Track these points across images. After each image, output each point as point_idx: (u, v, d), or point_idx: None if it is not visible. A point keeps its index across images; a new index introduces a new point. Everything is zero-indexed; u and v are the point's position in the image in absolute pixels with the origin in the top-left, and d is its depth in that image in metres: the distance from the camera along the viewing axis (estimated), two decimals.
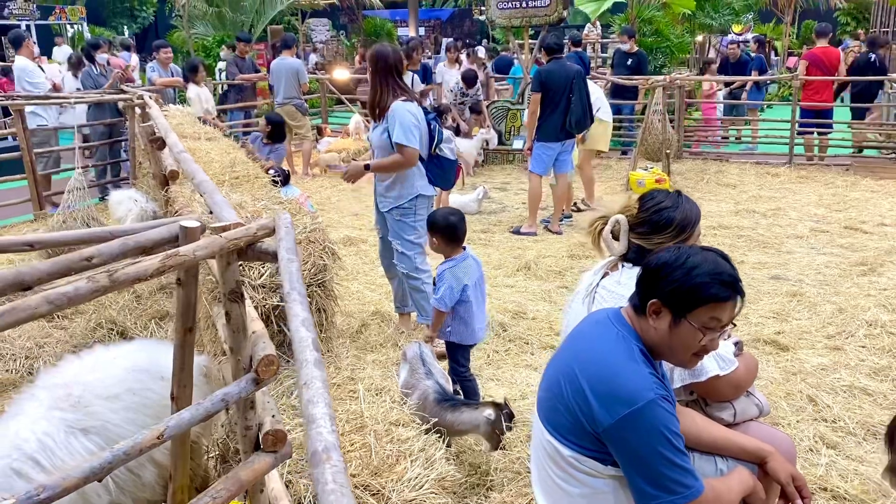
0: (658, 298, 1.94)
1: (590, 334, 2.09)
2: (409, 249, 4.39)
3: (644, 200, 2.46)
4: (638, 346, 1.98)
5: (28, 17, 19.57)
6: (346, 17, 21.06)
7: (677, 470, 1.84)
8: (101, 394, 2.29)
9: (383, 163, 4.24)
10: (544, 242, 6.81)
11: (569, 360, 2.06)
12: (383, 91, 4.22)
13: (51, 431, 2.14)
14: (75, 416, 2.21)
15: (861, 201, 7.94)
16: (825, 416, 3.58)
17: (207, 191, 2.61)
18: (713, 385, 2.30)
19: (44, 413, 2.18)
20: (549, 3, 9.74)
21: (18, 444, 2.05)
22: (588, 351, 2.02)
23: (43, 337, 4.42)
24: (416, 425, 2.72)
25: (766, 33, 20.97)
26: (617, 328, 2.02)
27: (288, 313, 1.45)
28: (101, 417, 2.25)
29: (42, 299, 1.42)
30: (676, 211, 2.40)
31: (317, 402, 1.05)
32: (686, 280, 1.90)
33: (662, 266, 1.95)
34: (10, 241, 2.02)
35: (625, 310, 2.08)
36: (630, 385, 1.86)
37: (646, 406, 1.82)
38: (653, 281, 1.96)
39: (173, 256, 1.69)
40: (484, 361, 4.33)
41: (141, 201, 5.68)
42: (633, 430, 1.84)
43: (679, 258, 1.95)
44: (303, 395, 1.09)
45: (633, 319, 2.04)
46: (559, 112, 6.76)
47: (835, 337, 4.49)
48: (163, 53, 9.79)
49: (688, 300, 1.89)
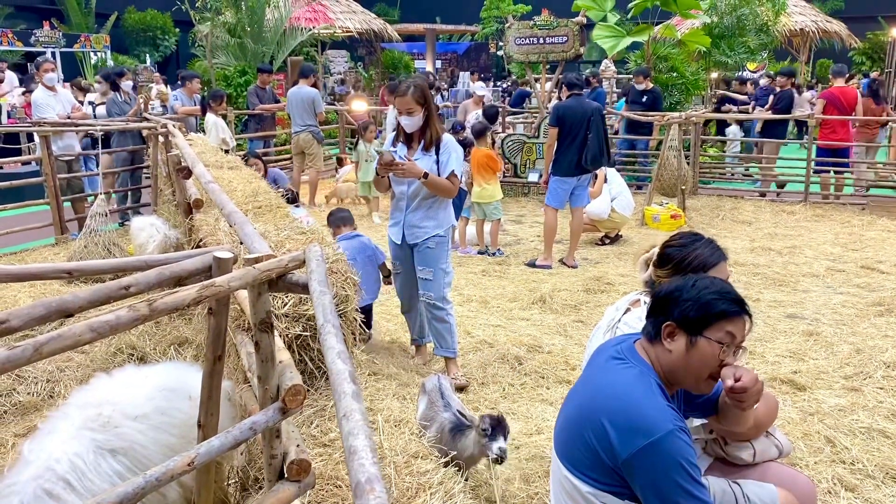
0: (673, 321, 2.01)
1: (605, 369, 2.13)
2: (442, 278, 4.48)
3: (671, 239, 2.56)
4: (654, 380, 2.02)
5: (54, 44, 20.00)
6: (364, 49, 21.39)
7: (695, 501, 1.87)
8: (130, 413, 2.33)
9: (440, 182, 4.34)
10: (559, 276, 6.83)
11: (586, 397, 2.10)
12: (433, 123, 4.39)
13: (81, 452, 2.17)
14: (104, 436, 2.24)
15: (877, 241, 7.94)
16: (843, 457, 3.56)
17: (238, 222, 2.67)
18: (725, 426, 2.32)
19: (75, 433, 2.21)
20: (567, 39, 9.89)
21: (51, 464, 2.08)
22: (606, 386, 2.06)
23: (64, 361, 4.47)
24: (435, 458, 2.73)
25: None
26: (632, 362, 2.07)
27: (323, 346, 1.49)
28: (128, 438, 2.28)
29: (86, 327, 1.47)
30: (684, 250, 2.49)
31: (357, 433, 1.08)
32: (698, 299, 2.00)
33: (673, 290, 2.06)
34: (49, 269, 2.07)
35: (638, 343, 2.13)
36: (648, 417, 1.90)
37: (664, 437, 1.86)
38: (666, 305, 2.05)
39: (209, 287, 1.74)
40: (500, 395, 4.34)
41: (163, 228, 5.76)
42: (651, 461, 1.87)
43: (688, 282, 2.07)
44: (343, 426, 1.12)
45: (648, 350, 2.09)
46: (575, 147, 6.83)
47: (852, 378, 4.47)
48: (195, 84, 10.00)
49: (701, 318, 1.98)
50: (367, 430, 1.08)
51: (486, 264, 7.24)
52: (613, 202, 7.72)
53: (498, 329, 5.39)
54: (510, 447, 3.56)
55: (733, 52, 13.76)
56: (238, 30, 13.18)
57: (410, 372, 4.50)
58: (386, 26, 18.83)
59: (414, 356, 4.78)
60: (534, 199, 10.46)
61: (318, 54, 18.45)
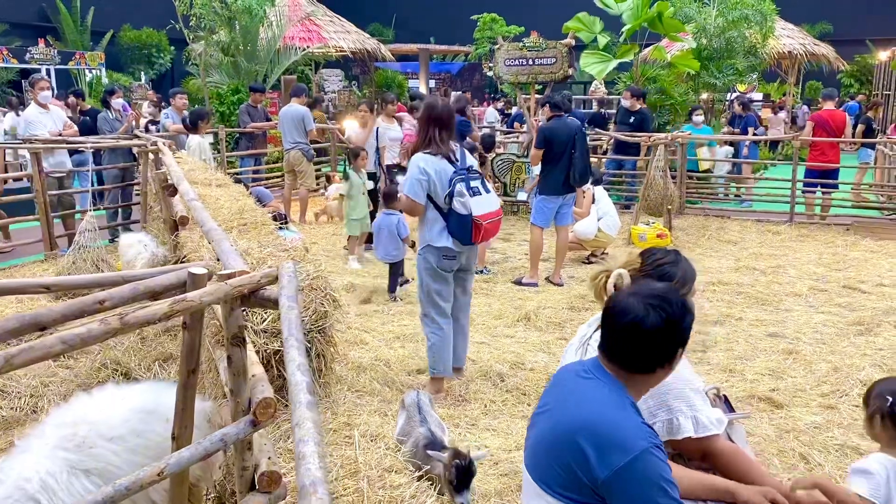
0: (683, 345, 2.08)
1: (576, 388, 2.14)
2: (420, 296, 4.58)
3: (646, 256, 2.60)
4: (628, 398, 2.06)
5: (49, 61, 20.10)
6: (358, 69, 21.57)
7: None
8: (105, 434, 2.34)
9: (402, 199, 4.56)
10: (545, 293, 6.89)
11: (560, 417, 2.11)
12: (418, 141, 4.49)
13: (54, 471, 2.18)
14: (78, 456, 2.25)
15: (860, 261, 8.02)
16: (816, 473, 3.61)
17: (215, 238, 2.72)
18: (685, 446, 2.36)
19: (49, 452, 2.23)
20: (555, 61, 10.02)
21: (21, 484, 2.09)
22: (579, 405, 2.07)
23: (48, 376, 4.50)
24: (409, 472, 2.78)
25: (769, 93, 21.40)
26: (602, 381, 2.10)
27: (285, 358, 1.55)
28: (103, 459, 2.29)
29: (57, 340, 1.52)
30: (677, 267, 2.55)
31: (307, 441, 1.13)
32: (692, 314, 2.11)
33: (681, 316, 2.07)
34: (27, 284, 2.13)
35: (602, 361, 2.15)
36: (625, 434, 1.93)
37: (641, 455, 1.89)
38: (676, 333, 2.07)
39: (181, 302, 1.79)
40: (481, 411, 4.37)
41: (151, 245, 5.81)
42: (630, 479, 1.89)
43: (678, 301, 2.09)
44: (295, 434, 1.18)
45: (620, 375, 2.10)
46: (562, 167, 6.94)
47: (829, 395, 4.52)
48: (178, 100, 10.08)
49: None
50: (316, 438, 1.13)
51: (473, 282, 7.28)
52: (600, 222, 7.81)
53: (482, 346, 5.43)
54: (488, 462, 3.61)
55: (722, 73, 13.95)
56: (232, 49, 13.30)
57: (395, 390, 4.54)
58: (379, 46, 19.00)
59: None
60: (523, 218, 10.53)
61: (312, 73, 18.60)
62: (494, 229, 4.51)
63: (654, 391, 2.29)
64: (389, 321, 6.01)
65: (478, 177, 4.47)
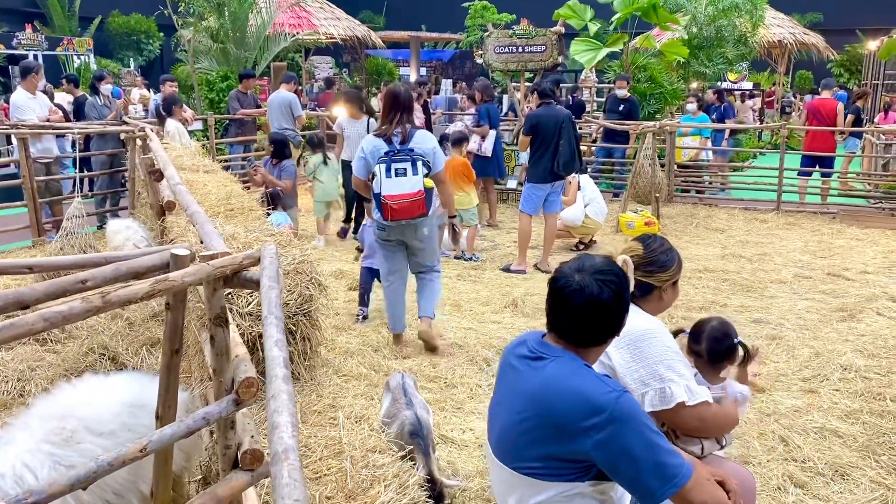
0: (627, 312, 2.18)
1: (531, 372, 2.11)
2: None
3: (648, 242, 2.66)
4: (584, 363, 2.08)
5: (36, 47, 19.91)
6: (349, 56, 21.48)
7: (667, 453, 1.93)
8: (95, 429, 2.28)
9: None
10: (533, 280, 6.93)
11: (526, 403, 2.07)
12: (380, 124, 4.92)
13: (34, 466, 2.12)
14: (65, 451, 2.18)
15: (845, 249, 8.10)
16: (795, 456, 3.67)
17: (199, 221, 2.74)
18: (678, 414, 2.40)
19: (32, 446, 2.16)
20: (545, 49, 10.03)
21: None
22: (543, 387, 2.04)
23: (35, 360, 4.50)
24: (393, 453, 2.82)
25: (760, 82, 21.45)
26: (560, 357, 2.09)
27: (264, 335, 1.57)
28: (91, 455, 2.15)
29: (38, 317, 1.54)
30: (672, 253, 2.68)
31: (281, 411, 1.17)
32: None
33: (626, 287, 2.19)
34: (10, 264, 2.14)
35: (551, 338, 2.16)
36: (595, 395, 1.95)
37: (617, 404, 1.92)
38: (625, 303, 2.15)
39: (163, 281, 1.81)
40: (467, 396, 4.42)
41: (139, 231, 5.81)
42: (617, 432, 1.90)
43: (620, 272, 2.20)
44: (269, 405, 1.21)
45: (571, 349, 2.11)
46: (549, 155, 6.96)
47: (810, 380, 4.59)
48: (168, 87, 10.05)
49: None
50: (291, 409, 1.16)
51: (462, 269, 7.34)
52: (587, 208, 7.84)
53: (469, 332, 5.48)
54: (473, 444, 3.67)
55: (712, 62, 13.99)
56: (221, 35, 13.21)
57: (381, 374, 4.57)
58: (370, 33, 18.92)
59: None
60: (512, 206, 10.55)
61: (302, 60, 18.52)
62: (405, 210, 4.66)
63: (645, 361, 2.37)
64: (376, 307, 6.04)
65: (408, 159, 4.65)
